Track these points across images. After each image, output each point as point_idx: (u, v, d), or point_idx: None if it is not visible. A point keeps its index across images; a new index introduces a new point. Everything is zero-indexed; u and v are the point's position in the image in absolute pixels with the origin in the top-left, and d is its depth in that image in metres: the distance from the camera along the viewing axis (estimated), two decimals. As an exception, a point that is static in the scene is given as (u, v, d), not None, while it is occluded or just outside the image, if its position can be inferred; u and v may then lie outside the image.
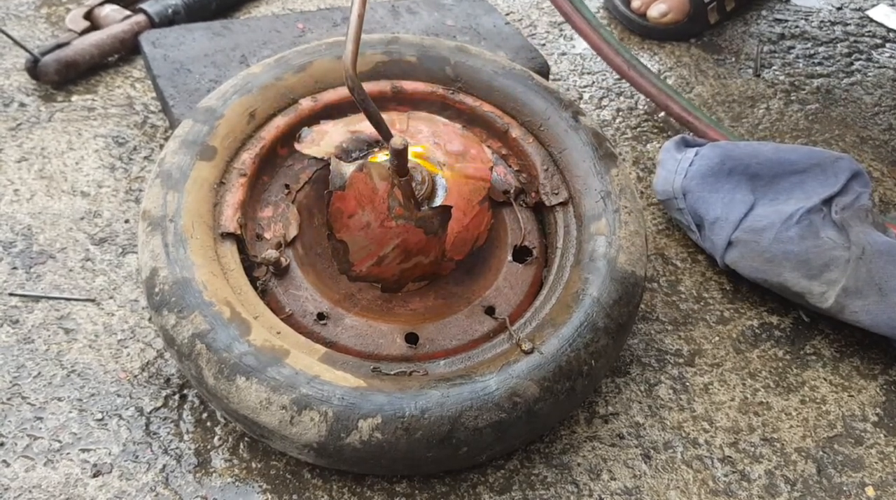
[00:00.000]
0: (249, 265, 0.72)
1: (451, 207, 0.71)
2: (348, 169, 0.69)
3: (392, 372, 0.66)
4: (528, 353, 0.67)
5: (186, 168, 0.72)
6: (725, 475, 0.72)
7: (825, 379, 0.80)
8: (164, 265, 0.66)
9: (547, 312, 0.71)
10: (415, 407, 0.62)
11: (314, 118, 0.80)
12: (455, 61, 0.85)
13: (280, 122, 0.79)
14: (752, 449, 0.74)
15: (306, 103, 0.80)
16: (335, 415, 0.61)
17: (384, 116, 0.81)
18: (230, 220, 0.71)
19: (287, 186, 0.77)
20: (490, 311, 0.73)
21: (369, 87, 0.83)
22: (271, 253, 0.71)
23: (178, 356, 0.64)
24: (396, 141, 0.65)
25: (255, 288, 0.71)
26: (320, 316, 0.70)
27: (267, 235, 0.74)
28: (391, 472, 0.67)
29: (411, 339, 0.70)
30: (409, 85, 0.84)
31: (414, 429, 0.61)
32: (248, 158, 0.75)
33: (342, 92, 0.82)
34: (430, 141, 0.78)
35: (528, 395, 0.64)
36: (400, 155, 0.66)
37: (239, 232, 0.72)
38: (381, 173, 0.69)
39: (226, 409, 0.63)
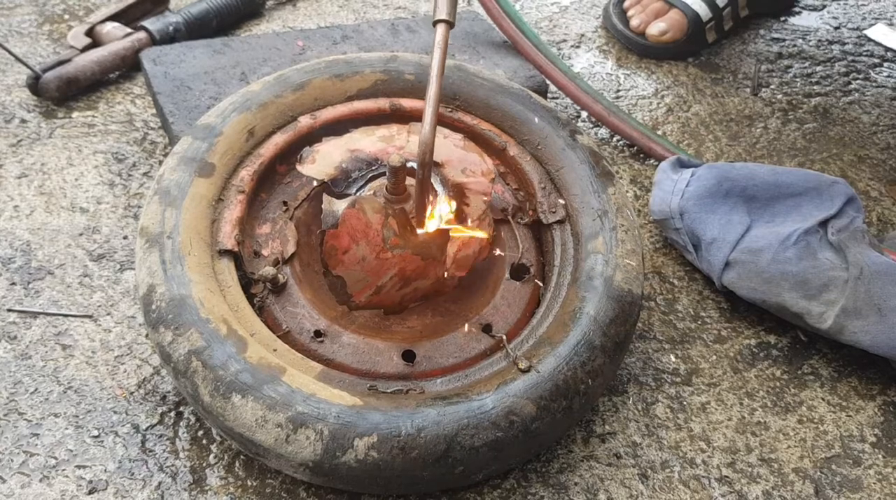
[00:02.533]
0: (247, 282, 0.72)
1: (448, 229, 0.70)
2: (340, 206, 0.69)
3: (389, 390, 0.66)
4: (524, 371, 0.66)
5: (185, 185, 0.72)
6: (723, 496, 0.71)
7: (823, 399, 0.80)
8: (162, 282, 0.66)
9: (544, 330, 0.71)
10: (411, 426, 0.62)
11: (313, 136, 0.80)
12: (453, 79, 0.85)
13: (279, 139, 0.79)
14: (750, 469, 0.73)
15: (305, 121, 0.81)
16: (331, 433, 0.61)
17: (383, 130, 0.81)
18: (228, 237, 0.72)
19: (285, 203, 0.78)
20: (487, 329, 0.73)
21: (367, 104, 0.84)
22: (269, 270, 0.71)
23: (175, 373, 0.64)
24: (394, 159, 0.66)
25: (253, 305, 0.71)
26: (317, 333, 0.70)
27: (265, 252, 0.74)
28: (387, 491, 0.67)
29: (408, 356, 0.70)
30: (408, 102, 0.84)
31: (410, 448, 0.61)
32: (246, 174, 0.76)
33: (341, 110, 0.82)
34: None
35: (524, 414, 0.64)
36: (397, 173, 0.66)
37: (236, 249, 0.72)
38: (373, 207, 0.68)
39: (221, 427, 0.63)
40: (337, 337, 0.70)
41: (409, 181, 0.69)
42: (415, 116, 0.84)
